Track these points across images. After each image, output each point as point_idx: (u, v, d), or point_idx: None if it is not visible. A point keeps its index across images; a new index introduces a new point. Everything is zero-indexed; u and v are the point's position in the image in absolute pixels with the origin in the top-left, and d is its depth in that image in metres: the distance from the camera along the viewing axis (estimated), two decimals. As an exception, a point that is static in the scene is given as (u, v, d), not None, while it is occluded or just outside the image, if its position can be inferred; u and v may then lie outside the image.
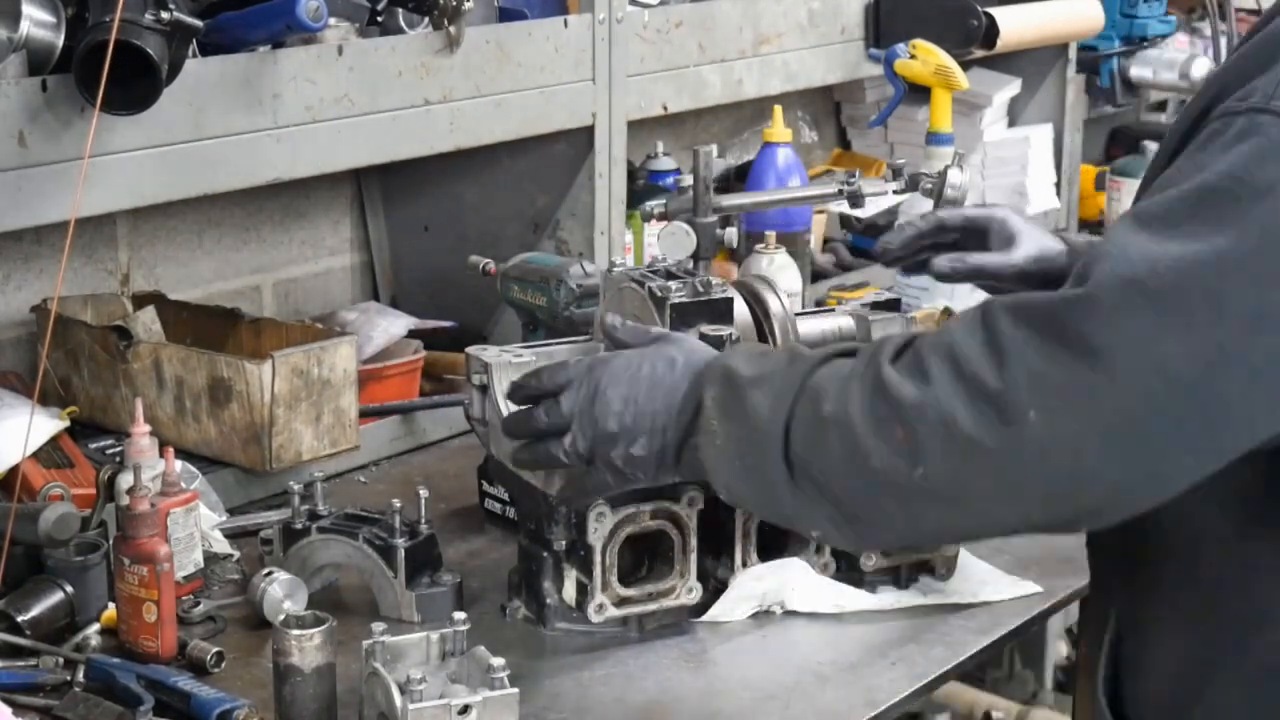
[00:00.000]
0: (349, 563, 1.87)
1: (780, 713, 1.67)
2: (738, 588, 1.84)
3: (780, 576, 1.84)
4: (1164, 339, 1.22)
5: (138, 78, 1.74)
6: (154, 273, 2.47)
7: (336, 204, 2.72)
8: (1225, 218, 1.24)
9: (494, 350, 1.82)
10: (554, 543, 1.78)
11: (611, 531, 1.75)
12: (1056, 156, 3.43)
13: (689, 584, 1.80)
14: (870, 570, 1.87)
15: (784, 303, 1.86)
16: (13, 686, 1.67)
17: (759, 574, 1.84)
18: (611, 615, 1.78)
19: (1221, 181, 1.26)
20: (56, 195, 1.80)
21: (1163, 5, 3.46)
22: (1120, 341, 1.23)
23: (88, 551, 1.80)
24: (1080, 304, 1.25)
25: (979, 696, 3.58)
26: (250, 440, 2.09)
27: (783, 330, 1.85)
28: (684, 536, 1.78)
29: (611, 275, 1.87)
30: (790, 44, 2.80)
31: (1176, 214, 1.26)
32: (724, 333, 1.72)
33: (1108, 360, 1.23)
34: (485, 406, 1.80)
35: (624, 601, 1.78)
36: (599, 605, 1.77)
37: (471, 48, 2.25)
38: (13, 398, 2.07)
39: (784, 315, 1.85)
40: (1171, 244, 1.24)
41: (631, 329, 1.64)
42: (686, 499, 1.76)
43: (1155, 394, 1.22)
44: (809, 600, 1.84)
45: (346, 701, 1.62)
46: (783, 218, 2.75)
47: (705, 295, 1.76)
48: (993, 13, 3.00)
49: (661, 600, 1.80)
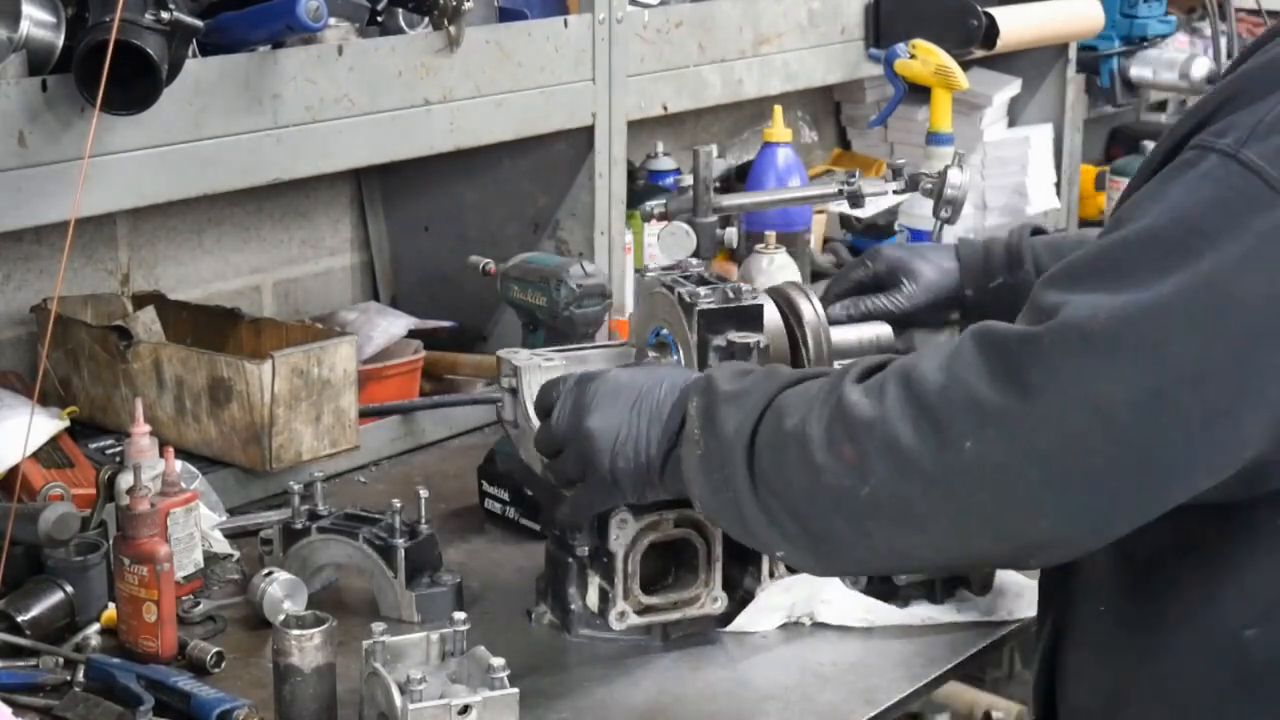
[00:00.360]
0: (349, 563, 1.87)
1: (780, 713, 1.67)
2: (766, 597, 1.82)
3: (809, 588, 1.82)
4: (1099, 382, 1.22)
5: (138, 78, 1.74)
6: (154, 273, 2.47)
7: (336, 204, 2.72)
8: (1173, 266, 1.23)
9: (525, 354, 1.83)
10: (577, 549, 1.77)
11: (634, 539, 1.73)
12: (1056, 156, 3.43)
13: (713, 593, 1.78)
14: (903, 584, 1.84)
15: (817, 310, 1.86)
16: (13, 686, 1.67)
17: (788, 585, 1.82)
18: (634, 623, 1.76)
19: (1175, 228, 1.25)
20: (56, 195, 1.80)
21: (1163, 5, 3.46)
22: (1053, 382, 1.24)
23: (88, 551, 1.80)
24: (1026, 342, 1.26)
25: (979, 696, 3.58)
26: (250, 440, 2.09)
27: (815, 338, 1.84)
28: (708, 544, 1.76)
29: (644, 279, 1.87)
30: (790, 44, 2.80)
31: (1129, 257, 1.26)
32: (752, 340, 1.71)
33: (1037, 396, 1.24)
34: (515, 410, 1.81)
35: (647, 610, 1.77)
36: (620, 613, 1.75)
37: (471, 48, 2.25)
38: (13, 398, 2.07)
39: (816, 322, 1.85)
40: (1119, 289, 1.24)
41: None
42: None
43: (1087, 434, 1.23)
44: (838, 613, 1.83)
45: (346, 701, 1.62)
46: (783, 218, 2.75)
47: (735, 301, 1.75)
48: (993, 13, 3.00)
49: (685, 609, 1.78)
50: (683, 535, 1.75)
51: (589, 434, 1.56)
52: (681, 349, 1.77)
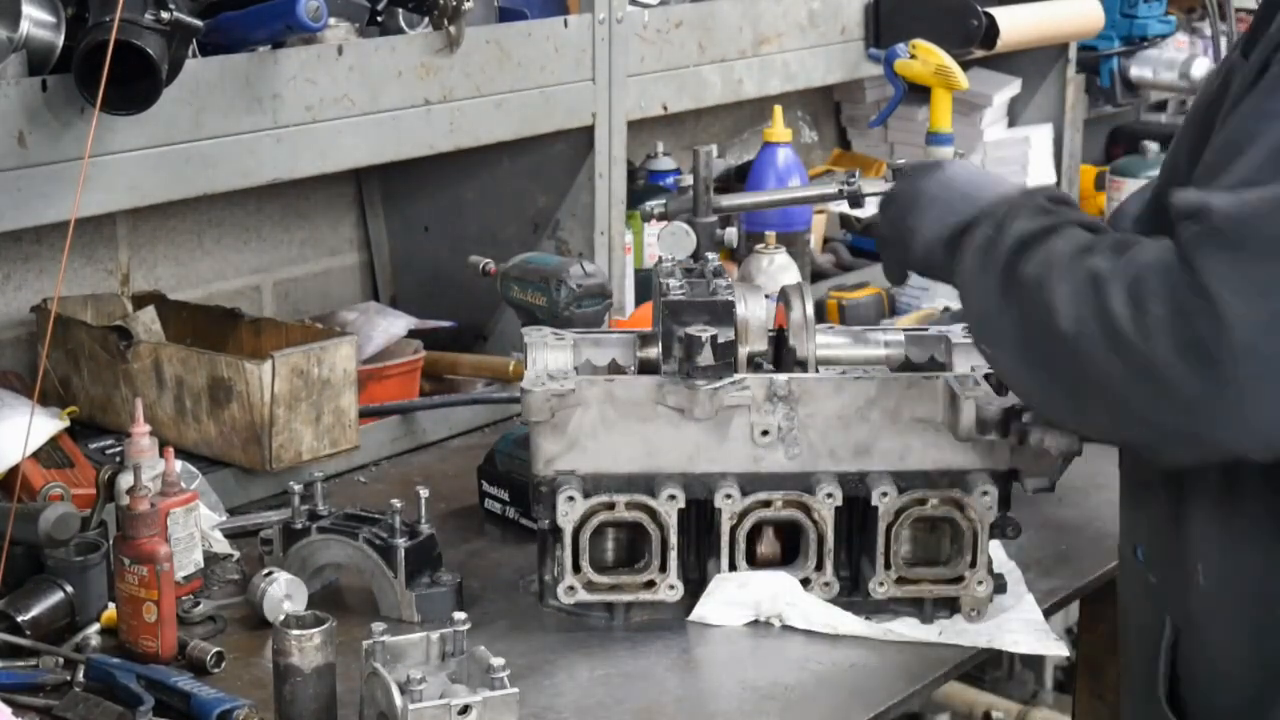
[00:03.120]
0: (349, 563, 1.87)
1: (779, 713, 1.67)
2: (719, 590, 1.83)
3: (771, 589, 1.83)
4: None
5: (138, 78, 1.74)
6: (154, 273, 2.47)
7: (336, 204, 2.72)
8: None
9: (543, 331, 1.90)
10: (539, 522, 1.81)
11: (584, 517, 1.78)
12: (1056, 156, 3.43)
13: (669, 580, 1.80)
14: (882, 597, 1.83)
15: (807, 312, 1.86)
16: (13, 686, 1.67)
17: (741, 581, 1.83)
18: (583, 599, 1.81)
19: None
20: (56, 195, 1.80)
21: (1163, 5, 3.46)
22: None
23: (88, 551, 1.80)
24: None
25: (979, 696, 3.58)
26: (250, 440, 2.09)
27: (797, 340, 1.85)
28: (663, 531, 1.79)
29: (656, 269, 1.94)
30: (790, 44, 2.80)
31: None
32: (707, 334, 1.75)
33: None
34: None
35: (600, 588, 1.81)
36: (569, 587, 1.80)
37: (471, 48, 2.25)
38: (13, 398, 2.07)
39: (801, 323, 1.86)
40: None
41: (918, 163, 1.86)
42: (666, 495, 1.77)
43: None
44: (802, 617, 1.82)
45: (346, 701, 1.62)
46: (783, 218, 2.75)
47: (707, 296, 1.79)
48: (993, 13, 3.00)
49: (639, 593, 1.81)
50: (635, 520, 1.79)
51: (917, 190, 1.68)
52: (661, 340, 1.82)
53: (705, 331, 1.75)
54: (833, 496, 1.80)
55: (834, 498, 1.80)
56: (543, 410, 1.76)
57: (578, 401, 1.78)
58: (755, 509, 1.81)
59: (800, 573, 1.83)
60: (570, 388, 1.77)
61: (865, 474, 1.81)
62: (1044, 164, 3.40)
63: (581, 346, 1.88)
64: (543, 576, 1.85)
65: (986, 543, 1.82)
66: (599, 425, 1.79)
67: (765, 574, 1.83)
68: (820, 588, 1.84)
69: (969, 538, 1.81)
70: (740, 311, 1.82)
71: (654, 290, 1.92)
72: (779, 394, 1.80)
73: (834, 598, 1.84)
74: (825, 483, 1.80)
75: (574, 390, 1.77)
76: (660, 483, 1.79)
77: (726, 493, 1.79)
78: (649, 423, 1.79)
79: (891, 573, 1.82)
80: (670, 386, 1.78)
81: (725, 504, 1.80)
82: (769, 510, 1.81)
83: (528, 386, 1.77)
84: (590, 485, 1.79)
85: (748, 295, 1.85)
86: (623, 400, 1.79)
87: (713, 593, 1.83)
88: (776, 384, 1.80)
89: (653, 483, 1.79)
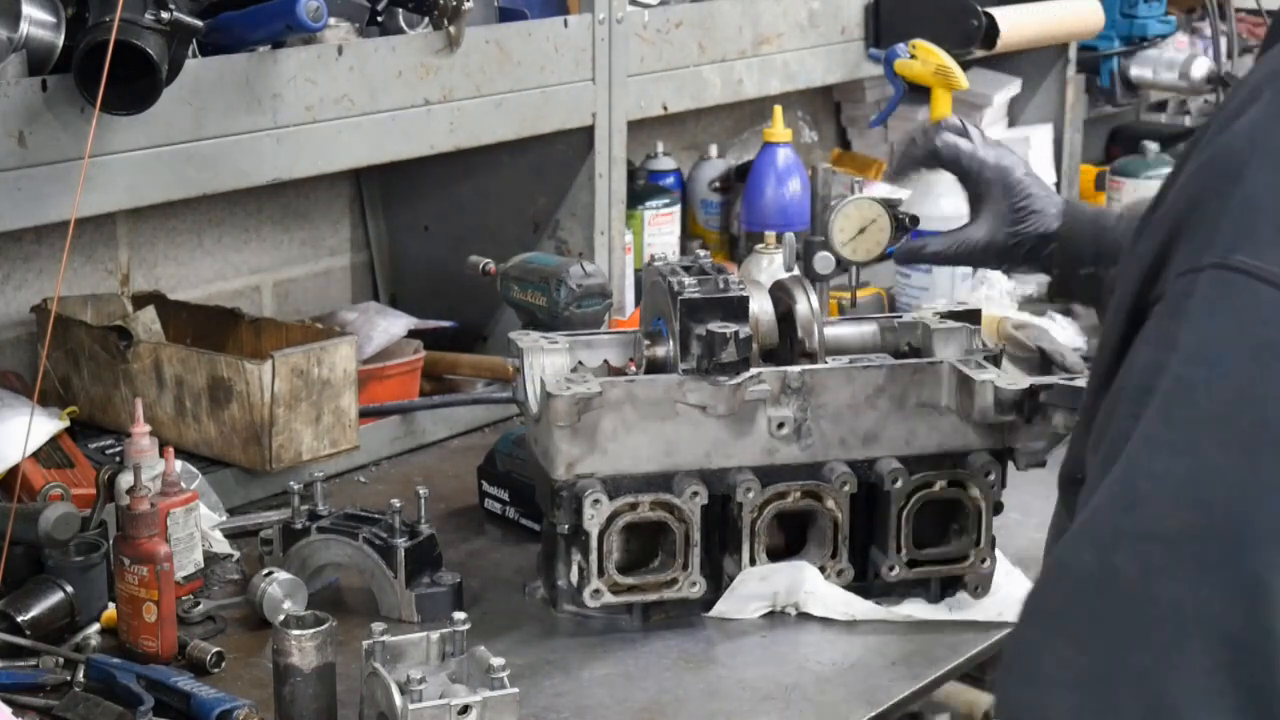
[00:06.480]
0: (349, 563, 1.87)
1: (780, 713, 1.67)
2: (743, 585, 1.83)
3: (790, 578, 1.84)
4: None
5: (138, 78, 1.74)
6: (154, 273, 2.47)
7: (336, 204, 2.72)
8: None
9: (533, 336, 1.88)
10: (558, 526, 1.79)
11: (609, 519, 1.76)
12: (1056, 156, 3.43)
13: (691, 577, 1.80)
14: (894, 580, 1.85)
15: (812, 304, 1.87)
16: (13, 686, 1.67)
17: (764, 573, 1.84)
18: (609, 601, 1.79)
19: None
20: (56, 195, 1.80)
21: (1163, 5, 3.46)
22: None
23: (88, 551, 1.80)
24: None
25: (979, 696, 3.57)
26: (250, 440, 2.09)
27: (806, 331, 1.86)
28: (686, 528, 1.79)
29: (649, 269, 1.91)
30: (790, 44, 2.80)
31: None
32: (730, 330, 1.74)
33: None
34: (524, 390, 1.85)
35: (624, 589, 1.79)
36: (595, 591, 1.78)
37: (471, 48, 2.25)
38: (13, 398, 2.07)
39: (809, 316, 1.86)
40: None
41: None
42: (689, 492, 1.77)
43: None
44: (821, 604, 1.84)
45: (346, 701, 1.62)
46: (783, 218, 2.75)
47: (721, 293, 1.79)
48: (993, 13, 3.00)
49: (663, 591, 1.80)
50: (659, 519, 1.78)
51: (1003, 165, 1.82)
52: (672, 338, 1.81)
53: (727, 328, 1.75)
54: (848, 485, 1.81)
55: (849, 485, 1.81)
56: (570, 414, 1.75)
57: (601, 404, 1.77)
58: (773, 500, 1.81)
59: (816, 561, 1.85)
60: (597, 390, 1.75)
61: (874, 460, 1.83)
62: (1044, 164, 3.39)
63: (575, 349, 1.88)
64: (554, 582, 1.83)
65: (991, 520, 1.85)
66: (619, 426, 1.78)
67: (786, 564, 1.84)
68: (836, 575, 1.85)
69: (973, 516, 1.84)
70: (752, 307, 1.82)
71: (645, 289, 1.91)
72: (793, 386, 1.81)
73: (848, 584, 1.85)
74: (839, 471, 1.81)
75: (600, 393, 1.75)
76: (679, 480, 1.78)
77: (747, 486, 1.79)
78: (668, 421, 1.78)
79: (903, 555, 1.84)
80: (691, 384, 1.78)
81: (747, 498, 1.80)
82: (786, 501, 1.82)
83: (553, 391, 1.74)
84: (611, 487, 1.77)
85: (754, 291, 1.86)
86: (643, 400, 1.78)
87: (736, 588, 1.83)
88: (790, 376, 1.81)
89: (670, 481, 1.78)
